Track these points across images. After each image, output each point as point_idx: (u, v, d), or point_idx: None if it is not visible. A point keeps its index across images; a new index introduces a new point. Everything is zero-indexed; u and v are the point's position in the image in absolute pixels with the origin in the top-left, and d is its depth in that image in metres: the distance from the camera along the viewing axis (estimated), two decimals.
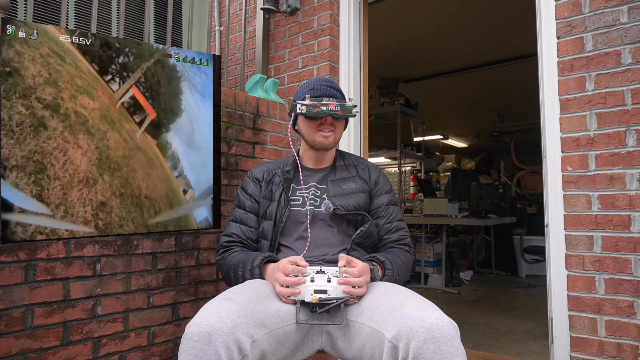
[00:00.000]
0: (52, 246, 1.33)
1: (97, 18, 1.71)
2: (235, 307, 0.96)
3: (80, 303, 1.39)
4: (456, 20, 3.73)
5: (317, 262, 1.25)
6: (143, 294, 1.55)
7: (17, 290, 1.26)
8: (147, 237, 1.56)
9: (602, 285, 1.51)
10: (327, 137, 1.33)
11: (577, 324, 1.55)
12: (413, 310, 0.96)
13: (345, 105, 1.29)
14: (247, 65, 2.65)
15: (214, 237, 1.78)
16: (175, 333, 1.64)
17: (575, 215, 1.58)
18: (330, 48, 2.31)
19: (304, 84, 1.39)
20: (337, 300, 1.07)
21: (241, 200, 1.41)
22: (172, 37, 2.01)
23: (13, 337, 1.24)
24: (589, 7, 1.60)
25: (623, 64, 1.52)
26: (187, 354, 0.89)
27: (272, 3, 2.46)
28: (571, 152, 1.60)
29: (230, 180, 1.86)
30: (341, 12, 2.36)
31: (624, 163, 1.50)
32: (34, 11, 1.93)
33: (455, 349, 0.91)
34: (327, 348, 1.15)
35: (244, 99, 1.95)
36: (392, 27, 3.85)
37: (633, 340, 1.45)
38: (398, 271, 1.25)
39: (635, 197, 1.48)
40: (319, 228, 1.32)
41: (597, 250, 1.53)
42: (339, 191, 1.36)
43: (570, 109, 1.61)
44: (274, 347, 1.03)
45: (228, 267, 1.29)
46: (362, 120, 2.34)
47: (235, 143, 1.90)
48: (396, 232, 1.38)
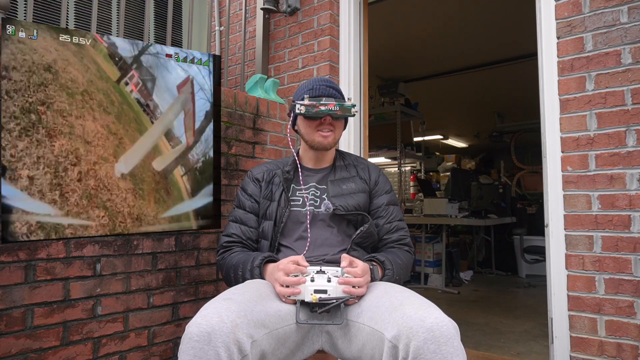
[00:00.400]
0: (52, 246, 1.33)
1: (97, 18, 1.71)
2: (235, 307, 0.96)
3: (80, 303, 1.39)
4: (456, 20, 3.73)
5: (317, 262, 1.25)
6: (143, 294, 1.55)
7: (17, 290, 1.26)
8: (147, 237, 1.56)
9: (602, 285, 1.51)
10: (327, 137, 1.33)
11: (577, 324, 1.55)
12: (413, 310, 0.96)
13: (344, 105, 1.29)
14: (247, 65, 2.65)
15: (214, 237, 1.78)
16: (175, 333, 1.64)
17: (575, 215, 1.58)
18: (330, 48, 2.31)
19: (303, 84, 1.39)
20: (337, 300, 1.07)
21: (241, 200, 1.41)
22: (172, 37, 2.01)
23: (13, 337, 1.24)
24: (589, 7, 1.60)
25: (623, 64, 1.52)
26: (187, 354, 0.89)
27: (272, 3, 2.46)
28: (571, 152, 1.60)
29: (230, 180, 1.86)
30: (341, 12, 2.36)
31: (624, 163, 1.50)
32: (34, 11, 1.93)
33: (455, 349, 0.91)
34: (327, 348, 1.15)
35: (244, 99, 1.95)
36: (392, 27, 3.85)
37: (633, 340, 1.45)
38: (398, 271, 1.25)
39: (635, 197, 1.48)
40: (319, 228, 1.32)
41: (597, 250, 1.53)
42: (338, 191, 1.35)
43: (570, 109, 1.61)
44: (274, 347, 1.03)
45: (228, 267, 1.29)
46: (362, 120, 2.34)
47: (235, 143, 1.90)
48: (396, 232, 1.38)
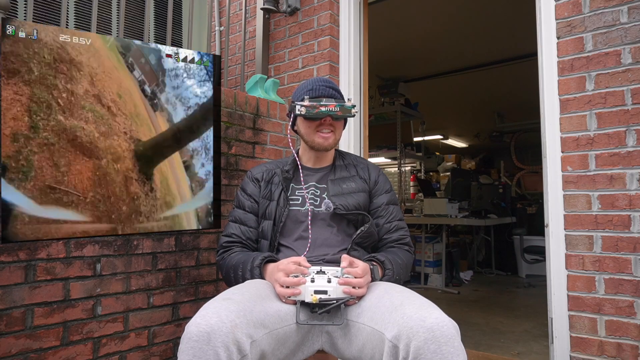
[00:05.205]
0: (52, 246, 1.33)
1: (97, 18, 1.71)
2: (235, 307, 0.96)
3: (80, 303, 1.39)
4: (456, 20, 3.73)
5: (317, 262, 1.25)
6: (143, 294, 1.55)
7: (17, 290, 1.26)
8: (147, 237, 1.56)
9: (602, 285, 1.51)
10: (327, 137, 1.32)
11: (577, 324, 1.55)
12: (413, 310, 0.95)
13: (344, 106, 1.28)
14: (247, 65, 2.65)
15: (214, 237, 1.78)
16: (175, 333, 1.64)
17: (575, 215, 1.58)
18: (330, 48, 2.31)
19: (302, 84, 1.38)
20: (338, 300, 1.07)
21: (241, 200, 1.41)
22: (172, 37, 2.01)
23: (13, 337, 1.24)
24: (589, 7, 1.59)
25: (623, 64, 1.52)
26: (186, 354, 0.89)
27: (272, 3, 2.46)
28: (571, 152, 1.60)
29: (230, 180, 1.86)
30: (341, 12, 2.36)
31: (624, 163, 1.50)
32: (34, 11, 1.93)
33: (455, 349, 0.91)
34: (327, 348, 1.15)
35: (244, 99, 1.95)
36: (392, 27, 3.85)
37: (633, 340, 1.45)
38: (398, 271, 1.25)
39: (635, 197, 1.48)
40: (319, 228, 1.32)
41: (597, 250, 1.53)
42: (338, 190, 1.35)
43: (570, 109, 1.61)
44: (273, 347, 1.03)
45: (228, 268, 1.29)
46: (362, 120, 2.33)
47: (235, 143, 1.90)
48: (396, 232, 1.38)
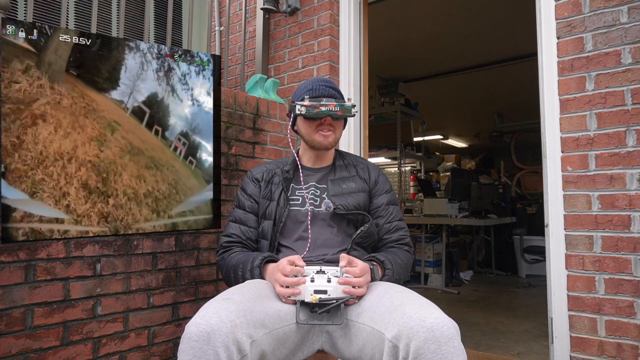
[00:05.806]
0: (52, 246, 1.33)
1: (97, 18, 1.71)
2: (235, 307, 0.96)
3: (80, 303, 1.39)
4: (456, 20, 3.73)
5: (317, 262, 1.25)
6: (143, 294, 1.55)
7: (17, 290, 1.26)
8: (147, 237, 1.56)
9: (602, 285, 1.51)
10: (327, 137, 1.32)
11: (577, 324, 1.55)
12: (413, 310, 0.96)
13: (344, 105, 1.29)
14: (247, 65, 2.65)
15: (214, 237, 1.78)
16: (175, 333, 1.64)
17: (575, 215, 1.58)
18: (330, 48, 2.31)
19: (302, 84, 1.38)
20: (337, 300, 1.07)
21: (241, 200, 1.41)
22: (172, 37, 2.01)
23: (13, 337, 1.24)
24: (589, 7, 1.59)
25: (623, 64, 1.52)
26: (186, 354, 0.89)
27: (272, 3, 2.46)
28: (571, 152, 1.60)
29: (230, 180, 1.86)
30: (341, 12, 2.36)
31: (624, 163, 1.50)
32: (34, 11, 1.93)
33: (455, 349, 0.91)
34: (327, 348, 1.15)
35: (244, 99, 1.95)
36: (392, 27, 3.85)
37: (633, 340, 1.45)
38: (398, 271, 1.25)
39: (635, 197, 1.48)
40: (319, 227, 1.32)
41: (597, 250, 1.53)
42: (338, 190, 1.35)
43: (570, 109, 1.61)
44: (273, 347, 1.03)
45: (228, 268, 1.29)
46: (362, 120, 2.34)
47: (235, 143, 1.90)
48: (396, 232, 1.38)
